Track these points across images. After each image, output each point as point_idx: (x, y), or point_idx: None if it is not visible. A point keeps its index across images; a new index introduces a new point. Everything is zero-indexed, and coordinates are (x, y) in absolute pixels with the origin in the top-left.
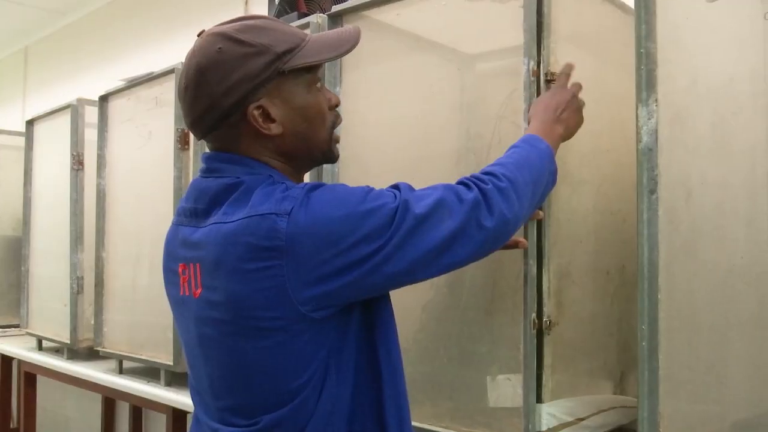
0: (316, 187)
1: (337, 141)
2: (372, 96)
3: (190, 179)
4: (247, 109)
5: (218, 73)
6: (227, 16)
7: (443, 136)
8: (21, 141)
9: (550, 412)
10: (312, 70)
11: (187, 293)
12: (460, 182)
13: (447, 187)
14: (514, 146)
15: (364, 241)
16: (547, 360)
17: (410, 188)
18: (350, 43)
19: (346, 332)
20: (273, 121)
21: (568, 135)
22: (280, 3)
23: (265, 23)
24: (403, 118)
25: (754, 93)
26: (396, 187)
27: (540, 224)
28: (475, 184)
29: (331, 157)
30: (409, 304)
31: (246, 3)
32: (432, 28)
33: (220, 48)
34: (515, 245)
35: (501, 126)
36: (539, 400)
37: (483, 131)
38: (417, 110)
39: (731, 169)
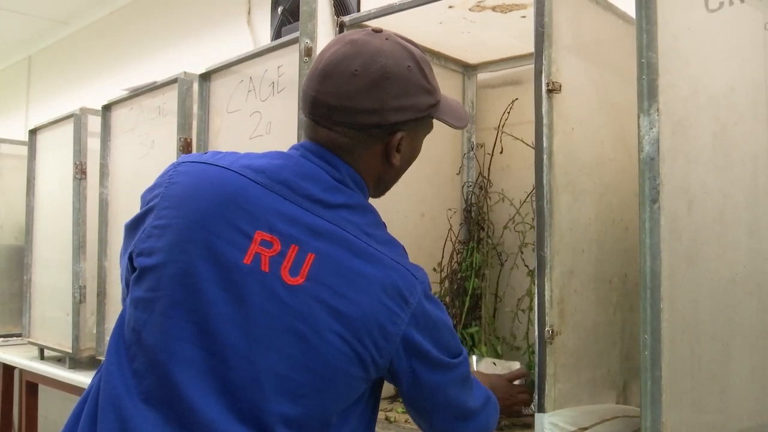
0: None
1: None
2: None
3: None
4: (397, 133)
5: (400, 89)
6: (230, 26)
7: (444, 145)
8: (24, 150)
9: (552, 422)
10: (431, 125)
11: (265, 269)
12: None
13: None
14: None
15: (444, 353)
16: (550, 369)
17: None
18: (467, 120)
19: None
20: (399, 152)
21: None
22: (282, 13)
23: (429, 63)
24: None
25: (755, 102)
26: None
27: (542, 233)
28: None
29: (379, 196)
30: None
31: (248, 13)
32: (434, 38)
33: (409, 67)
34: None
35: (502, 136)
36: (542, 409)
37: (484, 140)
38: None
39: (733, 178)
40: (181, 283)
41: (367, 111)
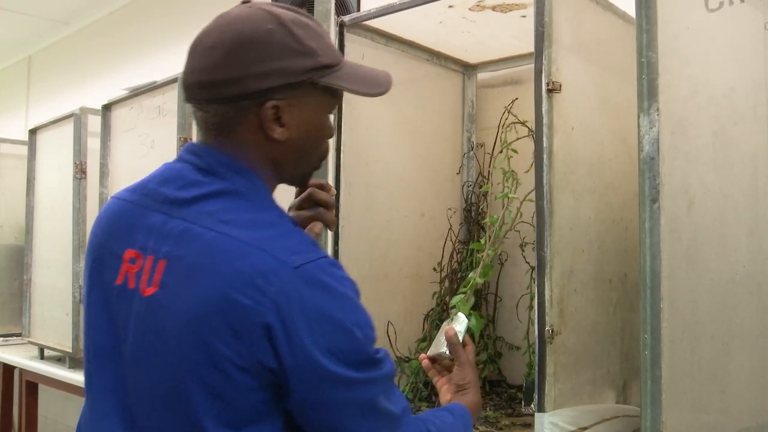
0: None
1: (317, 168)
2: (374, 104)
3: None
4: (266, 103)
5: (259, 52)
6: None
7: (445, 144)
8: (24, 150)
9: (552, 422)
10: (336, 95)
11: (131, 285)
12: None
13: None
14: (456, 415)
15: (335, 360)
16: (550, 369)
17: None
18: (384, 87)
19: None
20: (282, 125)
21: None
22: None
23: (316, 27)
24: (405, 125)
25: (755, 102)
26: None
27: (542, 233)
28: None
29: (303, 182)
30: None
31: None
32: (434, 37)
33: (270, 29)
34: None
35: (502, 135)
36: (542, 409)
37: (484, 140)
38: (419, 118)
39: (733, 178)
40: (85, 316)
41: (226, 82)
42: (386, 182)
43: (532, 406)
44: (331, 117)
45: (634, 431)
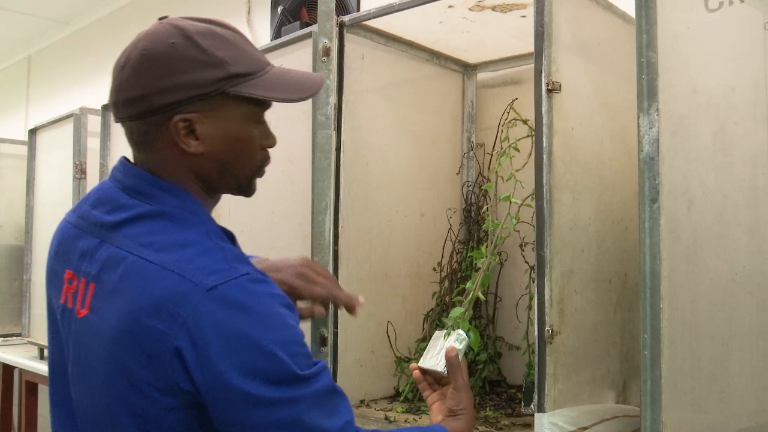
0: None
1: (260, 176)
2: (374, 105)
3: None
4: (174, 117)
5: (162, 67)
6: None
7: (445, 144)
8: (24, 150)
9: (552, 422)
10: (258, 104)
11: (69, 305)
12: None
13: None
14: None
15: (254, 381)
16: (550, 369)
17: None
18: (310, 91)
19: None
20: (196, 138)
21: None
22: (282, 13)
23: (231, 36)
24: (405, 125)
25: (755, 102)
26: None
27: (542, 233)
28: None
29: (248, 192)
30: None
31: (248, 13)
32: (434, 37)
33: (173, 43)
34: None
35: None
36: (542, 409)
37: (484, 140)
38: (419, 118)
39: (732, 178)
40: (47, 332)
41: (134, 100)
42: (386, 182)
43: (532, 406)
44: (267, 124)
45: (634, 431)
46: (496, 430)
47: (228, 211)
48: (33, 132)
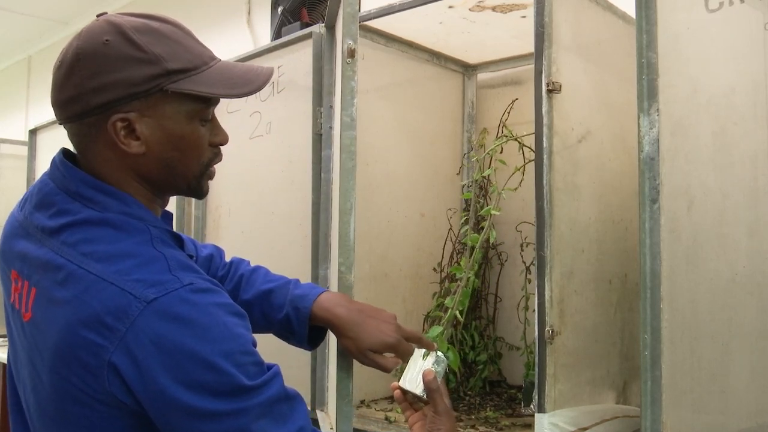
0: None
1: (211, 177)
2: (374, 105)
3: None
4: (111, 117)
5: (95, 66)
6: (230, 26)
7: (445, 144)
8: (24, 150)
9: (552, 422)
10: (203, 101)
11: (17, 306)
12: None
13: None
14: None
15: (196, 394)
16: (550, 369)
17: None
18: (254, 86)
19: None
20: (137, 138)
21: None
22: (282, 13)
23: (170, 31)
24: (405, 126)
25: (755, 102)
26: None
27: (542, 233)
28: None
29: (198, 193)
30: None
31: (248, 13)
32: (434, 38)
33: (107, 40)
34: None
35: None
36: (542, 409)
37: (484, 140)
38: (419, 119)
39: (732, 178)
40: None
41: (69, 101)
42: (386, 182)
43: (532, 406)
44: (217, 120)
45: (634, 431)
46: (497, 430)
47: (228, 211)
48: (33, 132)
